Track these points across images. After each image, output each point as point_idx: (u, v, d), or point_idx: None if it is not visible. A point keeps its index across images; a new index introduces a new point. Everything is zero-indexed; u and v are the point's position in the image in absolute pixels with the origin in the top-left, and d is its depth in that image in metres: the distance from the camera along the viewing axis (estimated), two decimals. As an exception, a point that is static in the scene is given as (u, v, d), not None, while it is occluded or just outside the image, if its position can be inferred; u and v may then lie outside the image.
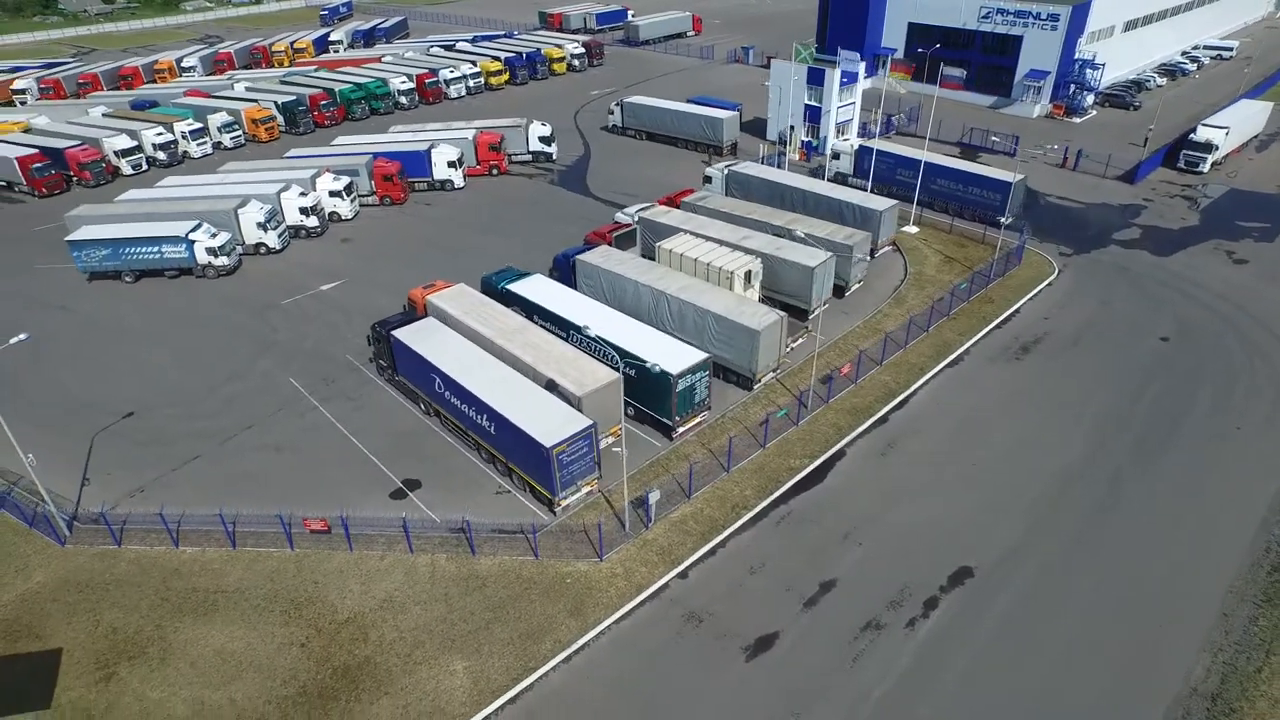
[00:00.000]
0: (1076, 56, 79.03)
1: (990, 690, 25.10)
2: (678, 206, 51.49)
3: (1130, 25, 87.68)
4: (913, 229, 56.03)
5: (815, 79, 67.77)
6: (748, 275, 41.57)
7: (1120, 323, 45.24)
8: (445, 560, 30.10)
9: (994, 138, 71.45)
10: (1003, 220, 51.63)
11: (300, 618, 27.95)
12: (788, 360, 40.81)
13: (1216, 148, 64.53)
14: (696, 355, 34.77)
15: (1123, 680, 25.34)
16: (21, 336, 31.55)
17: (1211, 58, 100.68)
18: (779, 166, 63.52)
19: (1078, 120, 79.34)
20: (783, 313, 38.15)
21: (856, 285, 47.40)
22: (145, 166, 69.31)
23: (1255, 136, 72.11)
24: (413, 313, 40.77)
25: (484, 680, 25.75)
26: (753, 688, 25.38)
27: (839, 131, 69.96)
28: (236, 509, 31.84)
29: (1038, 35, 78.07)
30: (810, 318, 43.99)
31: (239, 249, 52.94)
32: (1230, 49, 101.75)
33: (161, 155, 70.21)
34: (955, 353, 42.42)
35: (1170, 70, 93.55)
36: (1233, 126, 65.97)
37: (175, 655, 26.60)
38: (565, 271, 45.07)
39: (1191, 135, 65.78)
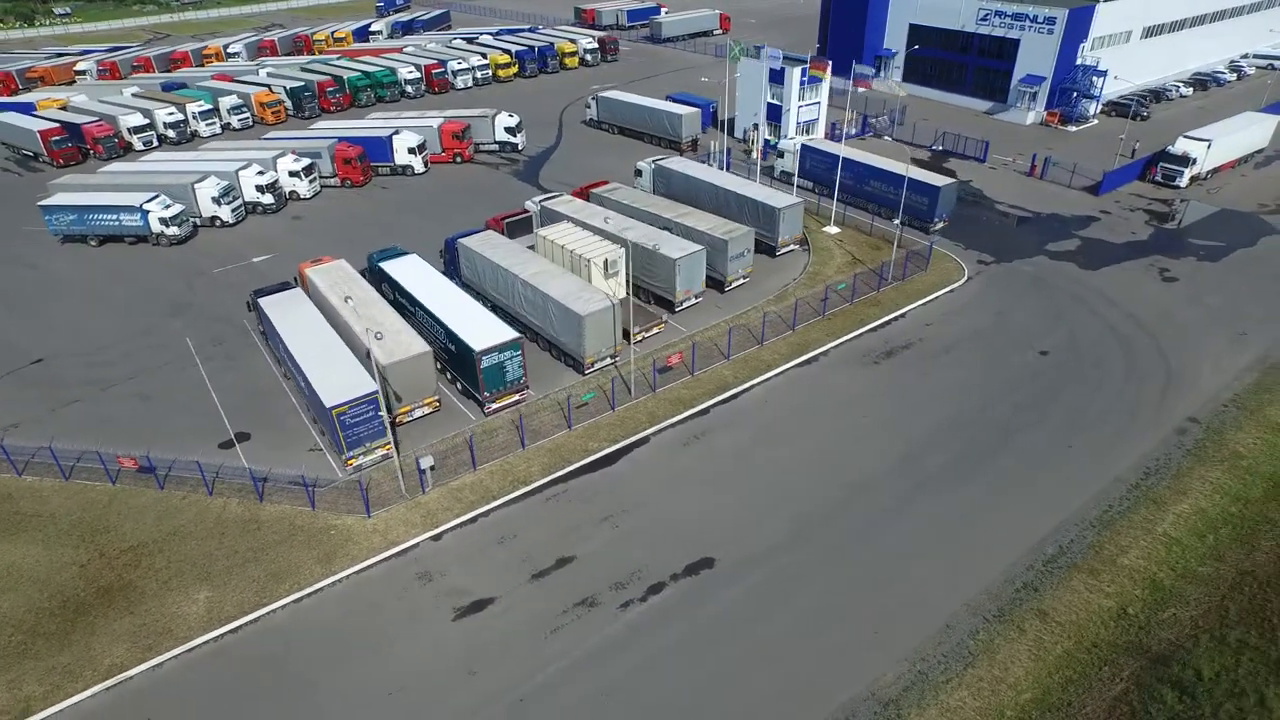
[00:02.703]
0: (1079, 62, 75.37)
1: (664, 677, 25.60)
2: (587, 198, 52.92)
3: (1152, 31, 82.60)
4: (833, 229, 55.44)
5: (776, 77, 67.45)
6: (606, 263, 42.62)
7: (1006, 334, 43.84)
8: (236, 504, 32.84)
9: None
10: (897, 220, 50.72)
11: (91, 543, 31.24)
12: (636, 348, 41.75)
13: (1193, 161, 60.63)
14: (507, 334, 36.32)
15: (804, 682, 25.40)
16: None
17: (1261, 67, 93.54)
18: (723, 164, 63.88)
19: (1073, 129, 75.69)
20: (614, 300, 39.10)
21: (740, 281, 47.60)
22: (156, 143, 75.72)
23: (1258, 152, 67.07)
24: (289, 283, 43.86)
25: (218, 610, 28.28)
26: (446, 643, 26.91)
27: (803, 131, 69.41)
28: (85, 446, 35.56)
29: (1034, 39, 74.95)
30: (676, 309, 44.79)
31: (195, 221, 57.72)
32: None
33: (171, 134, 76.55)
34: (813, 352, 42.25)
35: (1202, 80, 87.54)
36: (1219, 140, 61.77)
37: (-29, 566, 30.37)
38: (453, 254, 47.32)
39: (1169, 148, 62.04)
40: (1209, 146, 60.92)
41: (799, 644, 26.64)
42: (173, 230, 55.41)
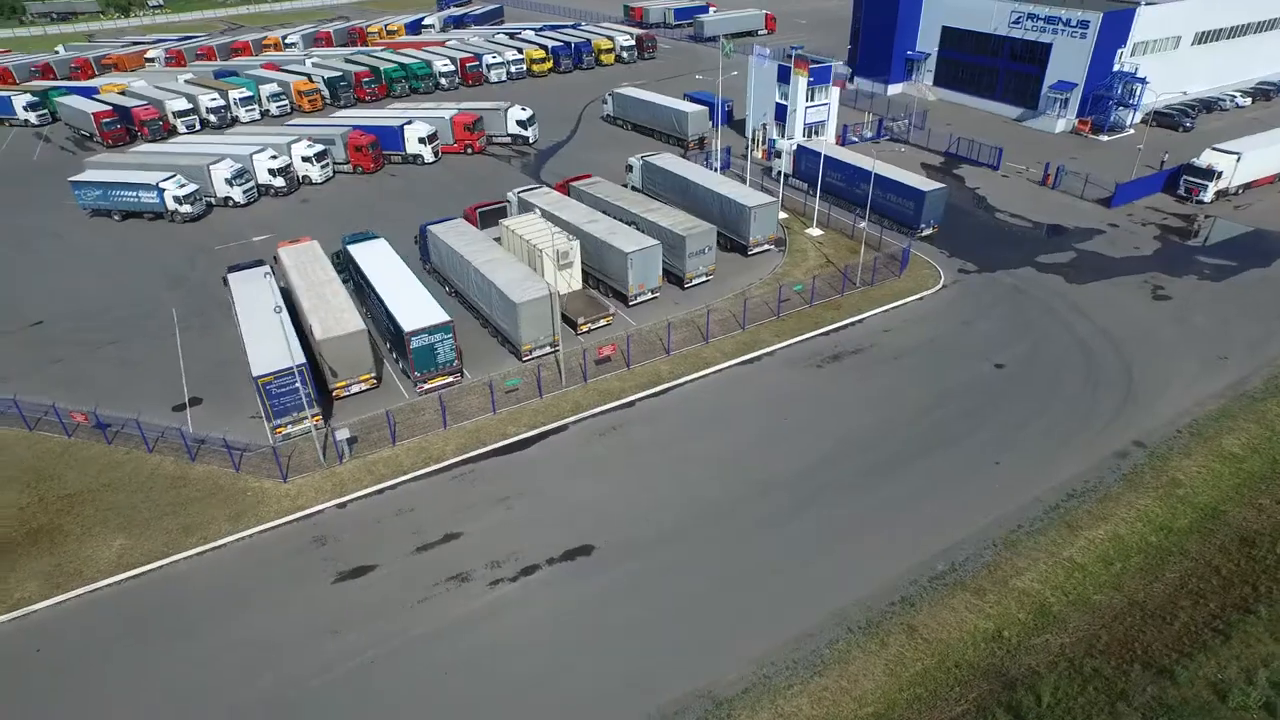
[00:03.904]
0: (1116, 68, 71.76)
1: (508, 657, 26.05)
2: (568, 192, 53.75)
3: (1206, 37, 77.78)
4: (815, 231, 54.59)
5: (784, 77, 66.67)
6: (558, 254, 43.24)
7: (965, 344, 42.47)
8: (170, 463, 35.01)
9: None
10: (863, 223, 49.63)
11: (35, 488, 33.84)
12: (580, 339, 42.36)
13: (1219, 175, 57.03)
14: (438, 317, 37.40)
15: (641, 674, 25.44)
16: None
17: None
18: (722, 162, 63.67)
19: (1105, 138, 72.07)
20: (552, 289, 39.62)
21: (702, 279, 47.45)
22: (198, 126, 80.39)
23: (1304, 167, 62.45)
24: (262, 261, 46.16)
25: (127, 556, 30.31)
26: (320, 603, 28.14)
27: (811, 132, 68.35)
28: (49, 400, 38.39)
29: (1067, 43, 71.72)
30: (630, 303, 45.09)
31: (209, 200, 61.20)
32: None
33: (213, 118, 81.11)
34: (757, 352, 41.90)
35: (1266, 90, 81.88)
36: (1253, 153, 57.91)
37: (-77, 504, 33.29)
38: (424, 239, 48.87)
39: (1194, 160, 58.53)
40: (1238, 160, 57.20)
41: (649, 636, 26.72)
42: (186, 208, 58.92)
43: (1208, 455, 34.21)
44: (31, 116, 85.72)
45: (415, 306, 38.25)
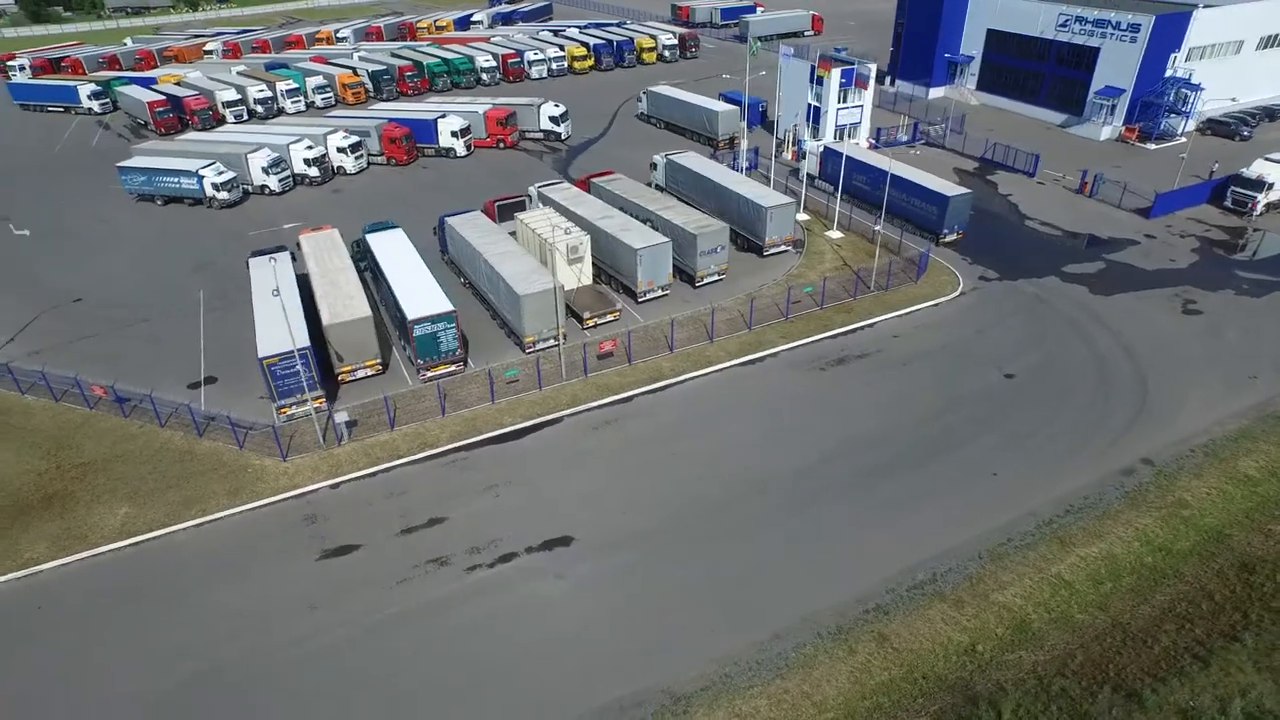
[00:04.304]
0: (1168, 73, 69.00)
1: (474, 643, 26.41)
2: (588, 188, 54.11)
3: (1272, 41, 74.18)
4: (836, 234, 53.83)
5: (815, 77, 65.86)
6: (568, 249, 43.55)
7: (977, 352, 41.45)
8: (180, 437, 36.44)
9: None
10: (877, 226, 48.56)
11: (54, 455, 35.62)
12: (586, 333, 42.65)
13: (1269, 185, 54.39)
14: (443, 306, 38.12)
15: (603, 668, 25.53)
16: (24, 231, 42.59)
17: None
18: (750, 163, 63.24)
19: (1153, 146, 69.28)
20: (556, 283, 39.92)
21: (714, 278, 47.25)
22: (246, 116, 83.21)
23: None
24: (284, 246, 47.60)
25: (130, 524, 31.69)
26: (302, 579, 29.00)
27: (843, 134, 67.39)
28: (74, 374, 40.14)
29: (1115, 48, 69.16)
30: (640, 299, 45.19)
31: (245, 187, 63.32)
32: None
33: (260, 109, 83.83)
34: (761, 353, 41.58)
35: (1335, 98, 77.76)
36: (1305, 164, 55.12)
37: (-54, 463, 35.30)
38: (443, 230, 49.77)
39: (1243, 171, 55.95)
40: (1292, 171, 54.54)
41: (615, 629, 26.82)
42: (223, 195, 61.08)
43: (1220, 477, 32.74)
44: (95, 105, 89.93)
45: (421, 295, 39.04)
